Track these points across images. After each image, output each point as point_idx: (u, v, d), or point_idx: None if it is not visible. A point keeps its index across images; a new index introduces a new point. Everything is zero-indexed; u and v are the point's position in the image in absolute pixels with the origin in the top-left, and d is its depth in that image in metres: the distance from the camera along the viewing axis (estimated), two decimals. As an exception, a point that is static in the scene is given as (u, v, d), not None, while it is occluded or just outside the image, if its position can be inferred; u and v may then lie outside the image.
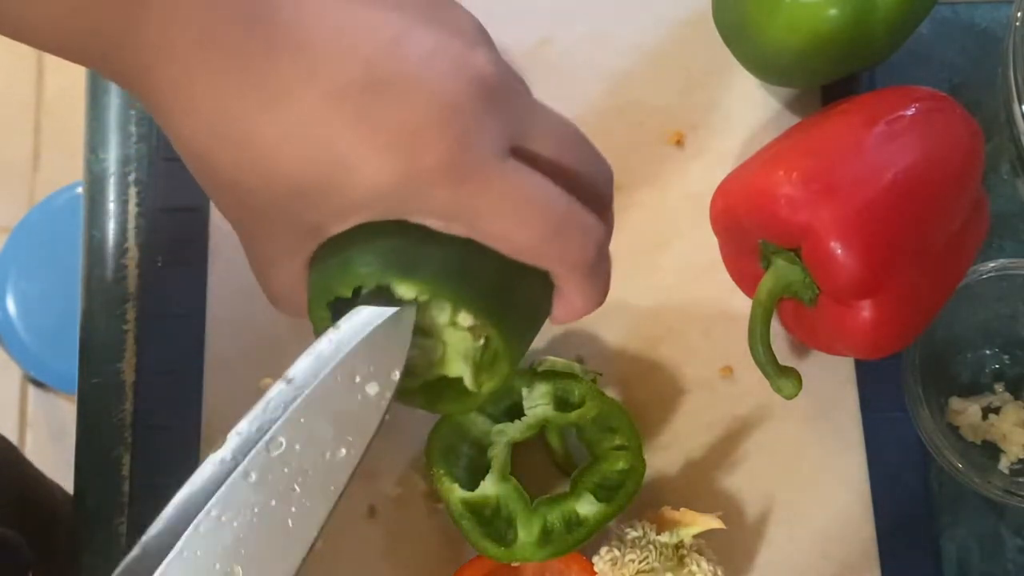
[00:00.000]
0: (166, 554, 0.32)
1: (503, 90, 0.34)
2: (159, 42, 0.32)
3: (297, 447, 0.33)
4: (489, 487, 0.49)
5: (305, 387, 0.34)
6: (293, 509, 0.33)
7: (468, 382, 0.40)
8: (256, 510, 0.33)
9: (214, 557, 0.32)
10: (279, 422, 0.33)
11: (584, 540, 0.48)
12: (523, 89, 0.36)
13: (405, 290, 0.36)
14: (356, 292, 0.36)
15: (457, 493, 0.48)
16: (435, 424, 0.50)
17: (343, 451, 0.34)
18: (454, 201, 0.33)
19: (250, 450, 0.33)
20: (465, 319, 0.38)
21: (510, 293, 0.37)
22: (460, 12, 0.36)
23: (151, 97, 0.33)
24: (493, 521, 0.49)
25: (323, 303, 0.37)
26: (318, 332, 0.37)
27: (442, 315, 0.38)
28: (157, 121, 0.34)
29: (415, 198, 0.33)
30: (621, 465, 0.49)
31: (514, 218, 0.33)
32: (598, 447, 0.50)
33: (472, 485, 0.49)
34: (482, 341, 0.39)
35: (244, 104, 0.32)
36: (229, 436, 0.33)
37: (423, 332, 0.38)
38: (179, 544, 0.32)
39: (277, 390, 0.34)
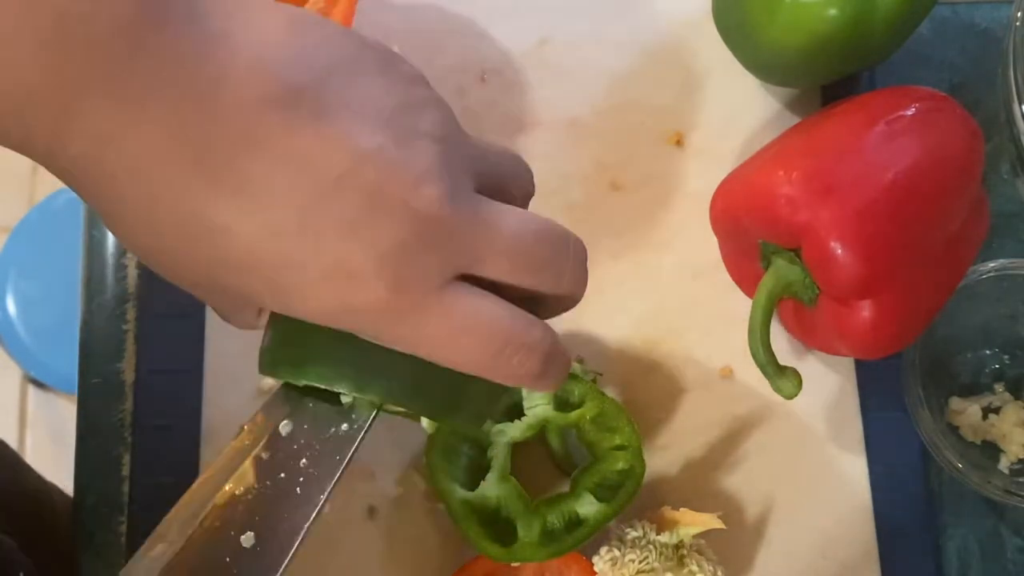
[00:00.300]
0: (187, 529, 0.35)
1: (449, 224, 0.33)
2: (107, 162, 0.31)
3: (304, 426, 0.37)
4: (489, 487, 0.49)
5: None
6: (301, 479, 0.36)
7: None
8: (267, 482, 0.36)
9: (230, 526, 0.35)
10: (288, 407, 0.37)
11: (584, 540, 0.48)
12: (473, 214, 0.34)
13: (352, 398, 0.37)
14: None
15: (458, 493, 0.48)
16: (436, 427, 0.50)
17: (345, 425, 0.37)
18: (392, 334, 0.34)
19: (263, 435, 0.36)
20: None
21: (464, 388, 0.37)
22: (427, 110, 0.35)
23: (89, 184, 0.32)
24: (494, 521, 0.49)
25: (276, 373, 0.37)
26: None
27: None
28: (106, 223, 0.34)
29: (355, 328, 0.34)
30: (621, 465, 0.49)
31: (453, 346, 0.34)
32: (598, 447, 0.50)
33: (472, 485, 0.49)
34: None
35: (192, 227, 0.32)
36: (243, 426, 0.37)
37: None
38: (200, 516, 0.35)
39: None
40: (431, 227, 0.33)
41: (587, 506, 0.49)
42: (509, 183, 0.38)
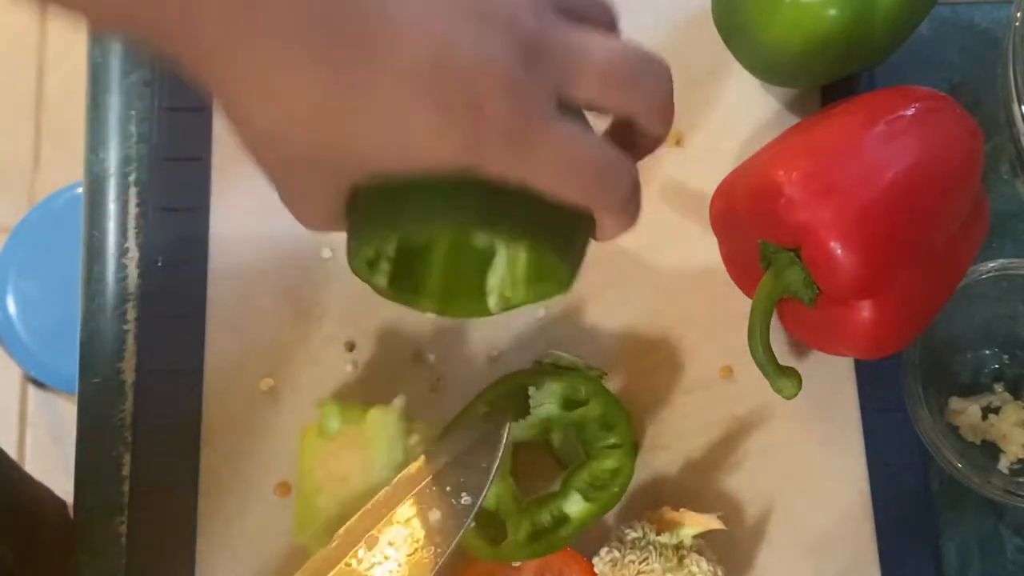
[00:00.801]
0: None
1: (545, 43, 0.35)
2: (227, 27, 0.33)
3: (389, 543, 0.46)
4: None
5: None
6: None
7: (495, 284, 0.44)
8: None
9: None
10: (381, 522, 0.45)
11: (570, 540, 0.48)
12: (566, 32, 0.37)
13: (484, 238, 0.39)
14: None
15: None
16: (446, 427, 0.50)
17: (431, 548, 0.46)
18: (511, 166, 0.35)
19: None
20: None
21: (572, 230, 0.40)
22: None
23: (213, 78, 0.34)
24: (488, 519, 0.49)
25: (378, 242, 0.39)
26: (358, 267, 0.40)
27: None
28: (218, 100, 0.35)
29: (475, 160, 0.35)
30: (611, 464, 0.49)
31: (563, 175, 0.36)
32: (592, 445, 0.50)
33: None
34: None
35: (320, 84, 0.33)
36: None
37: None
38: None
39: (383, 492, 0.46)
40: (534, 46, 0.35)
41: (574, 505, 0.49)
42: (591, 11, 0.39)
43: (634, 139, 0.41)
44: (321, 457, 0.48)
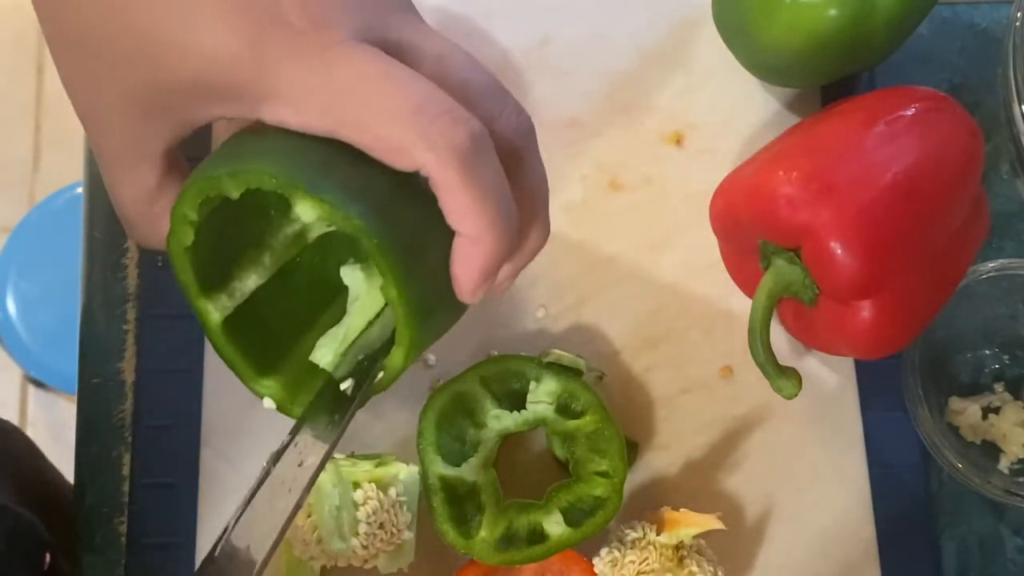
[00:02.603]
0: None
1: (381, 3, 0.33)
2: None
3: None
4: (469, 471, 0.49)
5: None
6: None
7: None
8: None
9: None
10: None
11: (542, 559, 0.48)
12: (412, 11, 0.34)
13: (306, 209, 0.32)
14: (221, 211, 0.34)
15: (437, 466, 0.48)
16: (436, 389, 0.50)
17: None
18: (305, 80, 0.31)
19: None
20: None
21: (422, 246, 0.33)
22: None
23: None
24: (463, 502, 0.49)
25: (199, 199, 0.33)
26: (173, 236, 0.35)
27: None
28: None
29: (264, 75, 0.31)
30: (599, 492, 0.48)
31: (369, 100, 0.31)
32: (582, 467, 0.49)
33: (457, 459, 0.49)
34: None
35: None
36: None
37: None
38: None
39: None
40: None
41: (554, 525, 0.48)
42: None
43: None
44: None
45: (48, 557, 0.54)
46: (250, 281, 0.38)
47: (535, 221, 0.36)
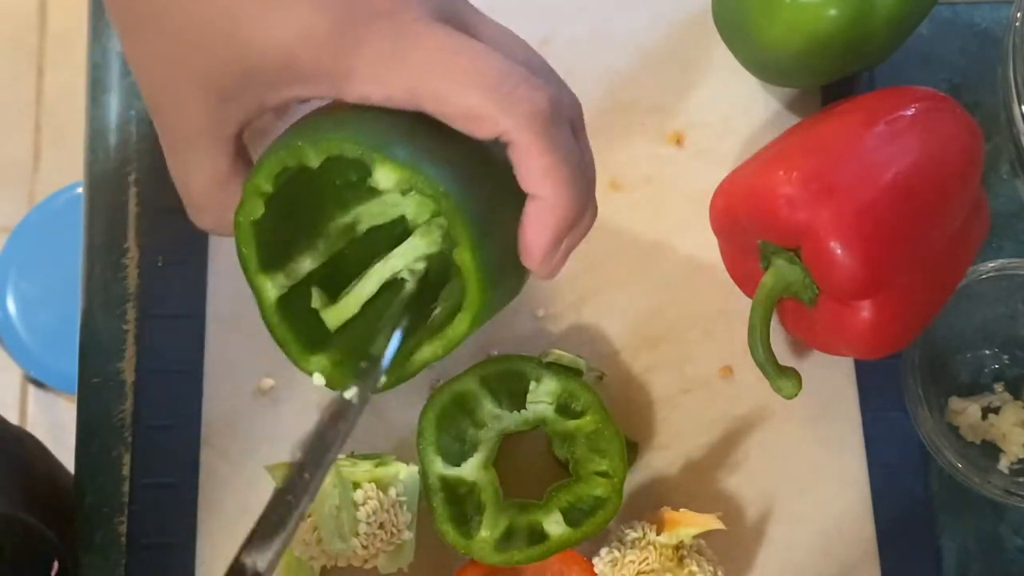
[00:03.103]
0: None
1: None
2: None
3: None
4: (469, 471, 0.49)
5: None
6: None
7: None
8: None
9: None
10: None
11: (542, 559, 0.48)
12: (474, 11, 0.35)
13: (385, 174, 0.33)
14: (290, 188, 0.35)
15: (437, 465, 0.48)
16: (436, 389, 0.50)
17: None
18: (389, 57, 0.32)
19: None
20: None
21: (495, 214, 0.34)
22: None
23: None
24: (463, 502, 0.49)
25: (276, 170, 0.34)
26: (243, 208, 0.35)
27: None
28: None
29: (348, 54, 0.32)
30: (599, 492, 0.48)
31: (450, 72, 0.32)
32: (582, 467, 0.49)
33: (457, 459, 0.49)
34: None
35: None
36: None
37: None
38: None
39: None
40: None
41: (554, 525, 0.48)
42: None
43: None
44: None
45: (56, 564, 0.54)
46: (305, 264, 0.39)
47: (588, 199, 0.37)
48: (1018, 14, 0.51)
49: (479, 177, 0.35)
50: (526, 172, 0.33)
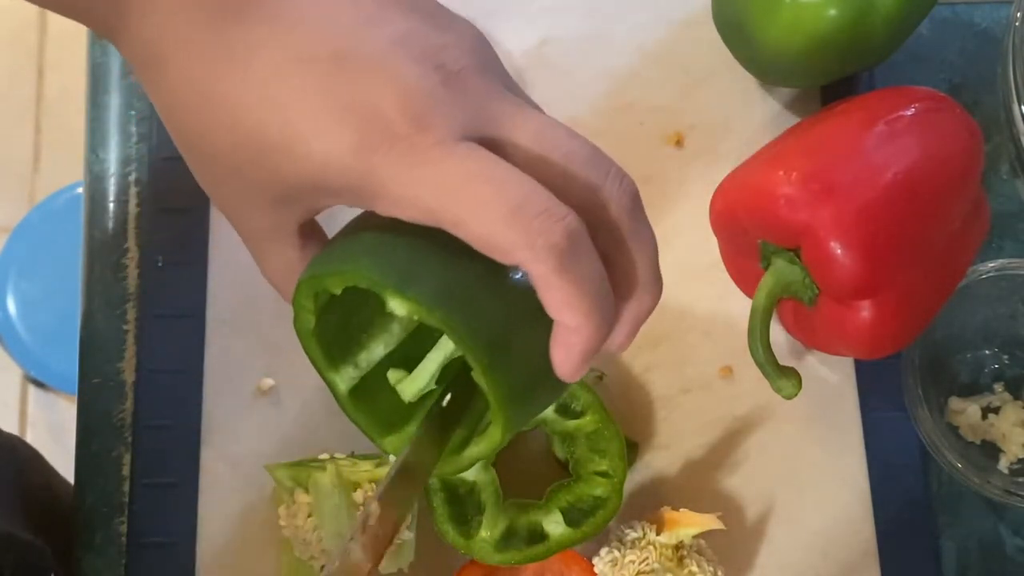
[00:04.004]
0: None
1: (473, 84, 0.33)
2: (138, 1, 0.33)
3: None
4: (469, 471, 0.48)
5: None
6: None
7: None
8: None
9: None
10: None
11: (542, 559, 0.48)
12: (506, 94, 0.35)
13: (396, 305, 0.34)
14: (349, 291, 0.36)
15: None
16: None
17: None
18: (409, 182, 0.32)
19: None
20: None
21: (515, 334, 0.35)
22: (459, 19, 0.35)
23: (131, 53, 0.35)
24: (463, 502, 0.49)
25: (311, 294, 0.36)
26: (297, 321, 0.37)
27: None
28: (139, 78, 0.36)
29: (371, 178, 0.32)
30: (599, 492, 0.48)
31: (468, 200, 0.32)
32: (582, 467, 0.49)
33: None
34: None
35: (214, 63, 0.33)
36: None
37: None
38: None
39: None
40: (453, 77, 0.33)
41: (554, 525, 0.48)
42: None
43: (614, 275, 0.35)
44: (288, 516, 0.47)
45: None
46: (378, 350, 0.40)
47: (647, 281, 0.38)
48: (1018, 14, 0.51)
49: (500, 298, 0.35)
50: (546, 302, 0.33)
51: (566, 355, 0.34)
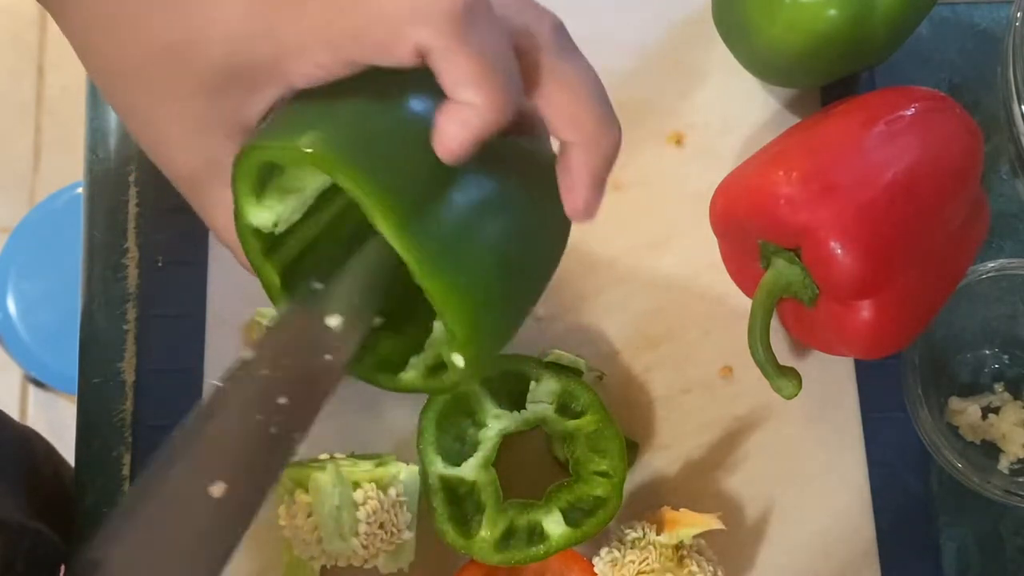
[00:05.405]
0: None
1: None
2: None
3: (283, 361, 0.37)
4: (469, 471, 0.49)
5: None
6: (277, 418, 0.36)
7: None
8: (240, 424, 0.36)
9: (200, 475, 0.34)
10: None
11: (542, 559, 0.48)
12: None
13: (296, 158, 0.34)
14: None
15: (437, 466, 0.48)
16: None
17: (328, 356, 0.37)
18: (312, 26, 0.32)
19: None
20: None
21: (440, 193, 0.34)
22: None
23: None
24: (463, 502, 0.49)
25: (249, 157, 0.35)
26: (239, 210, 0.37)
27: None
28: (63, 31, 0.36)
29: (280, 40, 0.33)
30: (599, 492, 0.48)
31: (362, 8, 0.32)
32: (582, 467, 0.49)
33: (457, 459, 0.49)
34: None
35: None
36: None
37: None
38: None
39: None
40: None
41: (554, 525, 0.48)
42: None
43: (558, 119, 0.35)
44: (287, 516, 0.47)
45: (63, 569, 0.54)
46: (293, 209, 0.39)
47: (595, 122, 0.36)
48: (1018, 14, 0.51)
49: (429, 151, 0.33)
50: (444, 81, 0.32)
51: (457, 130, 0.32)
